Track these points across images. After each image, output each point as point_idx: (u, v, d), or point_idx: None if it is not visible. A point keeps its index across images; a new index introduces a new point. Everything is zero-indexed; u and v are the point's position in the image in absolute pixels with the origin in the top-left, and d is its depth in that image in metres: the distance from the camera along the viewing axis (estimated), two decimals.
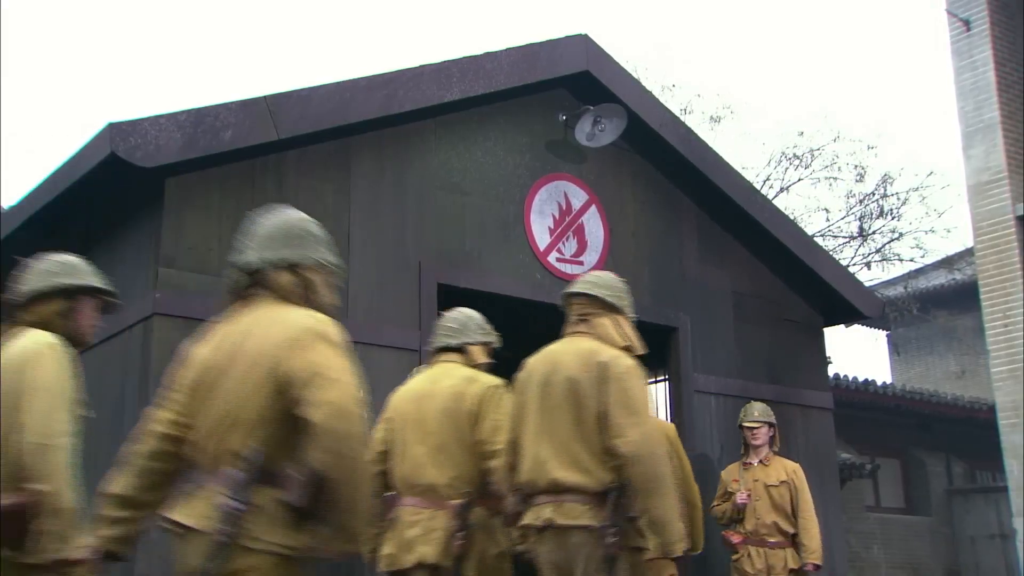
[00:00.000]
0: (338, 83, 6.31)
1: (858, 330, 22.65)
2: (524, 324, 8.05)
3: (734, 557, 6.74)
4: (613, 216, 7.57)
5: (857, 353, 42.15)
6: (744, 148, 25.67)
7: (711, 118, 16.87)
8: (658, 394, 7.93)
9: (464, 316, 5.05)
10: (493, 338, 5.07)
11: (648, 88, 8.68)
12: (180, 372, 3.37)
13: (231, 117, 5.87)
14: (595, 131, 7.21)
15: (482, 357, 5.00)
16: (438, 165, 6.87)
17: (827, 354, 8.68)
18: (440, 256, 6.73)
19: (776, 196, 16.51)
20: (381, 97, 6.46)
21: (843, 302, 8.54)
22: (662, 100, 16.73)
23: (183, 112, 5.71)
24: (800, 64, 37.64)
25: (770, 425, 6.98)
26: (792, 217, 15.41)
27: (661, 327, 7.62)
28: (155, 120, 5.60)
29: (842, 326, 22.12)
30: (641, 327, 7.58)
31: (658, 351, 7.82)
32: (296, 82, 6.47)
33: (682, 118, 17.21)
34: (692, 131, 8.01)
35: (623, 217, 7.64)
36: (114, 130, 5.48)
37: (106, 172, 5.69)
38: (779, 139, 21.67)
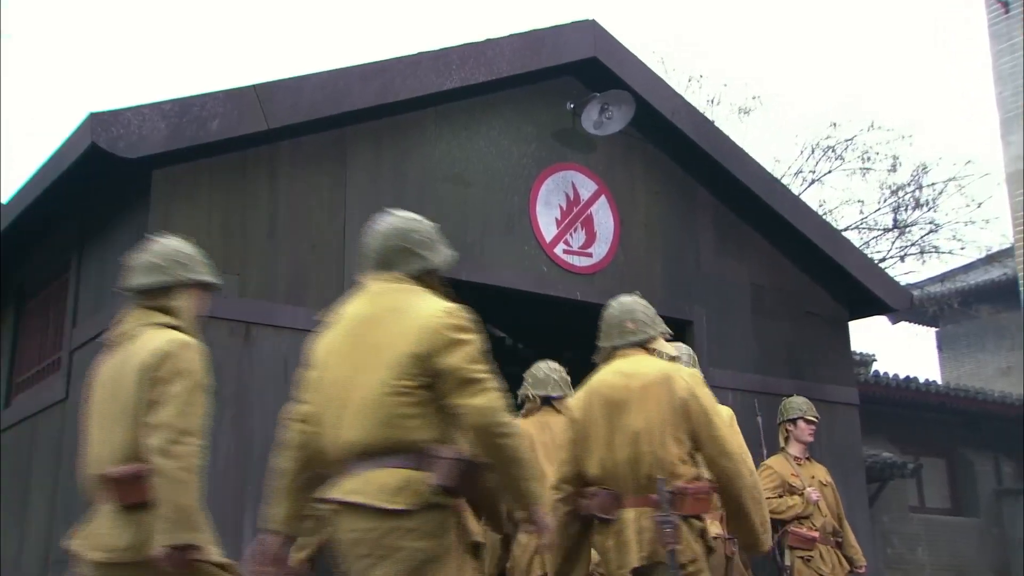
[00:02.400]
0: (331, 71, 6.16)
1: (905, 327, 22.20)
2: (530, 317, 7.88)
3: (803, 555, 6.45)
4: (624, 207, 7.34)
5: (905, 351, 41.35)
6: (775, 140, 25.16)
7: (740, 110, 16.54)
8: None
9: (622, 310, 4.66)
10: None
11: (672, 79, 8.45)
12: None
13: (218, 107, 5.74)
14: (602, 119, 7.00)
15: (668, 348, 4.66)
16: (439, 155, 6.69)
17: (864, 350, 8.39)
18: None
19: (808, 188, 16.13)
20: (377, 86, 6.29)
21: (869, 295, 8.23)
22: (688, 92, 16.56)
23: (168, 102, 5.59)
24: (830, 53, 36.63)
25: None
26: (825, 210, 15.07)
27: (675, 320, 7.36)
28: (138, 110, 5.49)
29: (885, 320, 21.76)
30: None
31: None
32: (289, 72, 6.25)
33: (709, 110, 17.05)
34: (707, 119, 7.77)
35: (634, 208, 7.41)
36: (95, 120, 5.37)
37: (92, 164, 5.59)
38: (811, 130, 21.21)
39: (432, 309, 3.29)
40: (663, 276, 7.40)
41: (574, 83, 7.26)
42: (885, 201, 16.05)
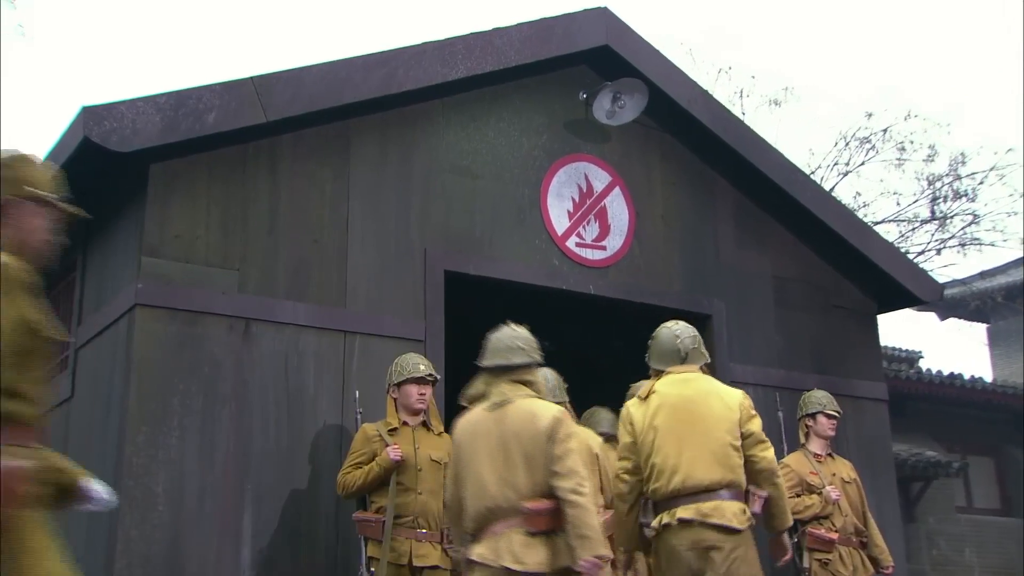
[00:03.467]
0: (332, 62, 6.05)
1: (954, 324, 21.70)
2: (540, 312, 7.70)
3: (821, 557, 6.22)
4: (639, 198, 7.16)
5: (954, 348, 40.43)
6: (810, 132, 24.60)
7: (771, 101, 16.21)
8: None
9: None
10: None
11: (700, 71, 8.26)
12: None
13: (215, 99, 5.65)
14: (615, 108, 6.83)
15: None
16: (446, 147, 6.56)
17: (910, 347, 8.11)
18: (447, 242, 6.42)
19: (841, 180, 15.77)
20: (380, 76, 6.17)
21: (897, 286, 7.97)
22: (718, 84, 16.28)
23: (163, 95, 5.51)
24: (864, 41, 35.51)
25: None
26: (861, 203, 14.70)
27: (693, 314, 7.17)
28: (132, 103, 5.41)
29: (933, 316, 21.28)
30: (671, 315, 7.22)
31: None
32: (288, 64, 6.13)
33: (739, 102, 16.75)
34: (724, 107, 7.56)
35: (651, 199, 7.23)
36: (88, 114, 5.30)
37: (88, 159, 5.51)
38: (845, 121, 20.75)
39: (735, 393, 5.02)
40: (681, 269, 7.21)
41: (587, 72, 7.09)
42: (922, 192, 15.64)
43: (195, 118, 5.57)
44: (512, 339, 4.29)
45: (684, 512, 4.59)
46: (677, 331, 5.12)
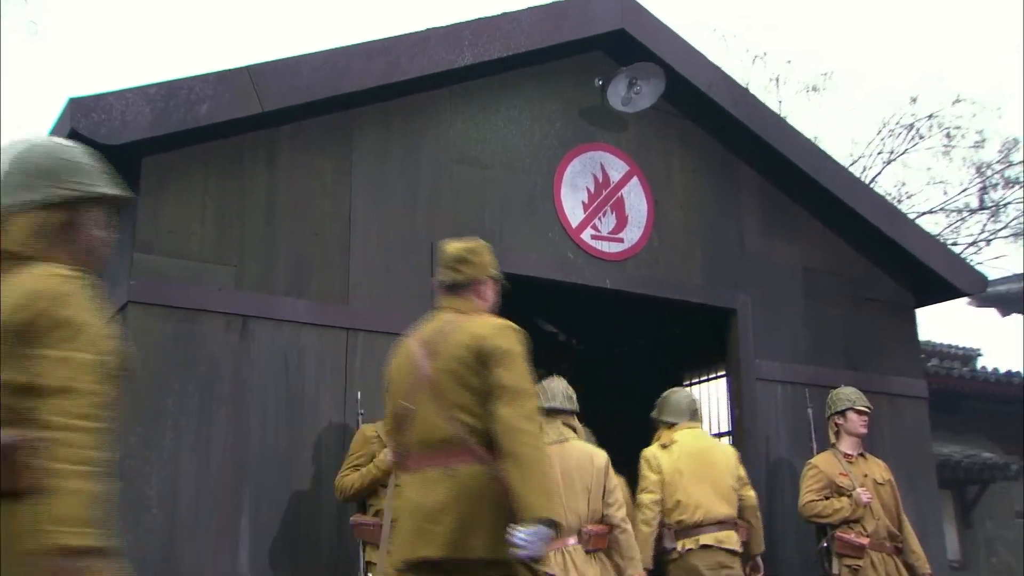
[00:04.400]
0: (331, 50, 5.85)
1: (1017, 320, 21.00)
2: (554, 307, 7.46)
3: (851, 563, 5.91)
4: (658, 188, 6.88)
5: (1019, 346, 39.05)
6: (851, 120, 23.85)
7: (808, 88, 15.73)
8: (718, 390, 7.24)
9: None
10: None
11: (733, 58, 7.96)
12: None
13: (208, 90, 5.47)
14: (631, 94, 6.56)
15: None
16: (454, 137, 6.34)
17: (968, 344, 7.74)
18: (455, 235, 6.05)
19: (884, 169, 15.25)
20: (381, 64, 5.96)
21: (936, 278, 7.59)
22: (753, 71, 15.82)
23: (153, 85, 5.35)
24: (907, 23, 33.98)
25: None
26: (906, 193, 14.20)
27: (716, 309, 6.90)
28: (121, 95, 5.25)
29: (995, 312, 20.58)
30: (693, 310, 6.95)
31: (713, 336, 7.11)
32: (285, 53, 5.95)
33: (775, 89, 16.28)
34: (747, 91, 7.25)
35: (670, 188, 6.94)
36: (75, 106, 5.14)
37: None
38: (888, 108, 20.16)
39: (728, 446, 6.21)
40: (703, 261, 6.91)
41: (603, 58, 6.83)
42: (971, 181, 15.06)
43: (187, 109, 5.40)
44: (566, 389, 5.17)
45: (706, 539, 5.56)
46: (690, 393, 6.23)
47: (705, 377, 7.99)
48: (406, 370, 3.70)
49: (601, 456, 5.03)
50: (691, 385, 8.96)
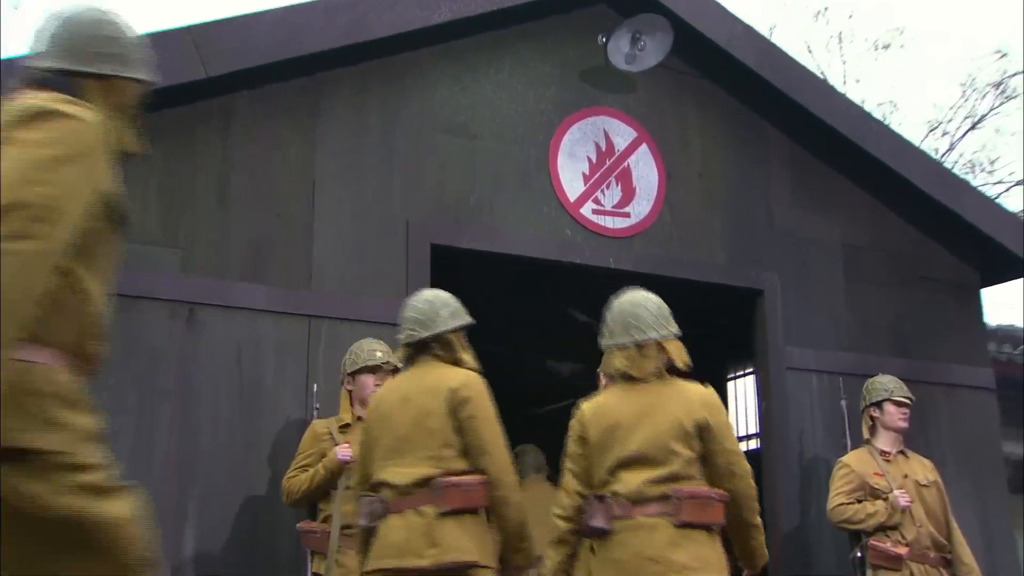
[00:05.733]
0: (287, 8, 5.28)
1: None
2: (551, 289, 6.77)
3: None
4: (672, 156, 6.15)
5: None
6: (929, 81, 22.14)
7: (877, 45, 14.60)
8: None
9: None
10: None
11: (792, 16, 7.18)
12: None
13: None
14: (635, 51, 5.85)
15: None
16: (438, 103, 5.72)
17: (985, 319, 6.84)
18: (437, 212, 5.57)
19: (967, 134, 14.05)
20: (345, 22, 5.38)
21: (1006, 253, 6.69)
22: (814, 29, 14.64)
23: None
24: None
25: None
26: (986, 158, 13.06)
27: (740, 290, 6.14)
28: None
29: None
30: (715, 291, 6.21)
31: (737, 320, 6.37)
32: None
33: (837, 46, 15.08)
34: (775, 46, 6.45)
35: (687, 156, 6.20)
36: None
37: None
38: (972, 65, 18.80)
39: None
40: (724, 236, 6.15)
41: (607, 12, 6.13)
42: None
43: None
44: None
45: None
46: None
47: (743, 372, 7.23)
48: None
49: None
50: (734, 379, 8.23)
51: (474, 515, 3.62)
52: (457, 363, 3.81)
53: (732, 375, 8.30)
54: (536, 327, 7.82)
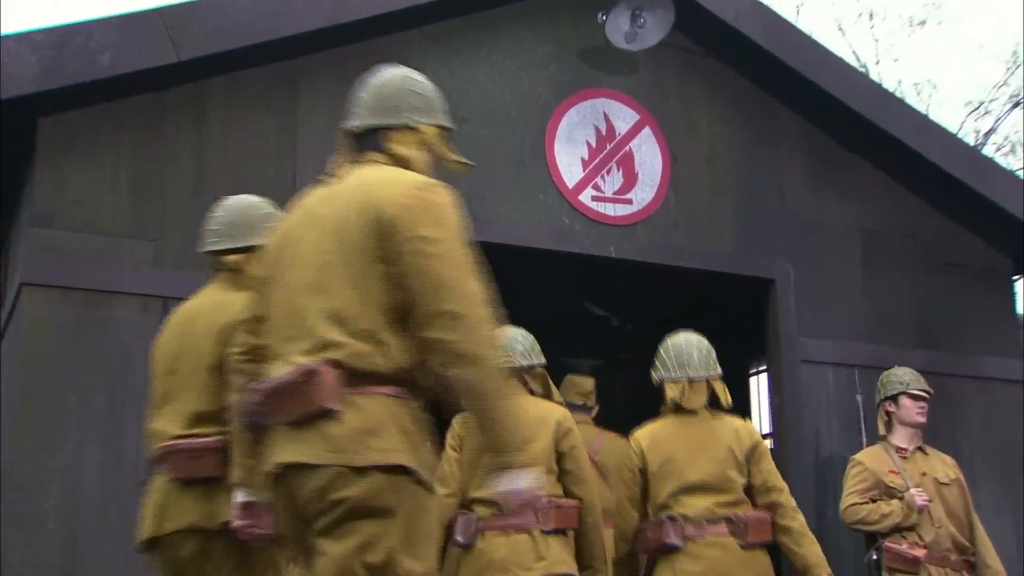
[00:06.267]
0: None
1: None
2: (548, 280, 6.46)
3: None
4: (677, 139, 5.84)
5: None
6: (971, 59, 21.30)
7: (910, 22, 14.09)
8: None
9: None
10: None
11: None
12: None
13: (110, 36, 4.73)
14: (635, 29, 5.55)
15: None
16: None
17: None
18: None
19: (1010, 112, 13.50)
20: (327, 3, 5.15)
21: None
22: (841, 4, 14.12)
23: (40, 31, 4.62)
24: None
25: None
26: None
27: (751, 280, 5.83)
28: None
29: None
30: (723, 280, 5.90)
31: (749, 311, 6.05)
32: None
33: (870, 23, 14.53)
34: (784, 20, 6.12)
35: (693, 140, 5.89)
36: None
37: None
38: (1012, 41, 18.14)
39: None
40: (733, 224, 5.84)
41: None
42: None
43: (85, 59, 4.66)
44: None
45: None
46: None
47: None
48: None
49: None
50: (756, 375, 7.91)
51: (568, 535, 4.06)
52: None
53: (754, 370, 7.97)
54: (533, 320, 7.54)
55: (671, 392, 4.20)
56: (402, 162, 2.67)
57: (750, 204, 5.90)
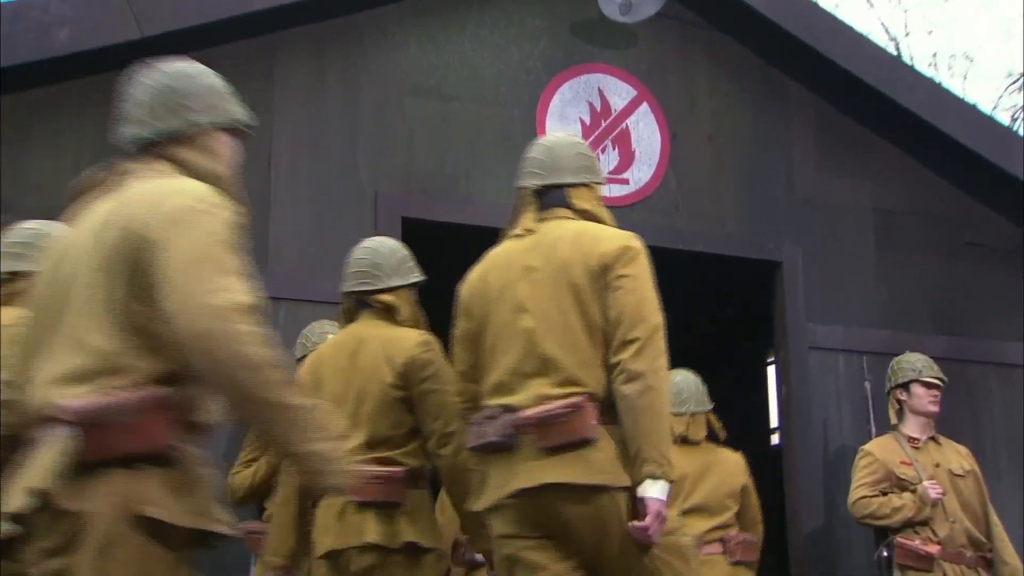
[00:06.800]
0: None
1: None
2: None
3: None
4: (678, 116, 5.55)
5: None
6: (1012, 32, 20.62)
7: None
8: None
9: None
10: None
11: None
12: None
13: (67, 10, 4.52)
14: (630, 0, 5.25)
15: None
16: (408, 63, 5.20)
17: None
18: (407, 182, 5.08)
19: None
20: None
21: None
22: None
23: None
24: None
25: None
26: None
27: (757, 263, 5.53)
28: None
29: None
30: (727, 263, 5.60)
31: (755, 295, 5.75)
32: None
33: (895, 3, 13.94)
34: None
35: (695, 116, 5.59)
36: None
37: None
38: None
39: None
40: (737, 204, 5.54)
41: None
42: None
43: (40, 35, 4.45)
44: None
45: None
46: None
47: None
48: None
49: None
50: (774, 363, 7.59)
51: None
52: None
53: (771, 359, 7.67)
54: None
55: (677, 427, 4.44)
56: (590, 216, 3.03)
57: (755, 183, 5.59)
